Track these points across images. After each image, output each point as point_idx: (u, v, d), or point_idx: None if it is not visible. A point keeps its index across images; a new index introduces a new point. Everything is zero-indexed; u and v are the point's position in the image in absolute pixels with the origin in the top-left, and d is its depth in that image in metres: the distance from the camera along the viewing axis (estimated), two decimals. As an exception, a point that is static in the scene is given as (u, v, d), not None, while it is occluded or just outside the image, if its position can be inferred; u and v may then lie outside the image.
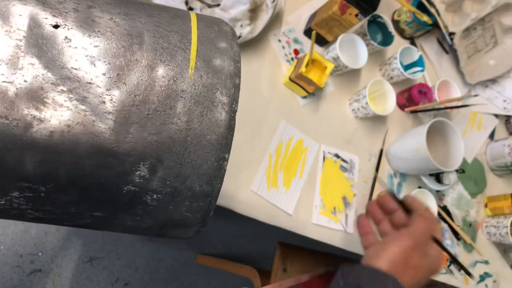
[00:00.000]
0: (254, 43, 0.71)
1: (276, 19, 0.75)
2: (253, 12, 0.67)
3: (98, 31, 0.21)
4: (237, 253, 1.46)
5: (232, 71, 0.24)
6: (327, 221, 0.70)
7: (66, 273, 1.17)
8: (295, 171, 0.70)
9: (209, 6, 0.65)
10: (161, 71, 0.22)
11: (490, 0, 0.88)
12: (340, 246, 0.71)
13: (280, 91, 0.73)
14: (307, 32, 0.77)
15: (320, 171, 0.72)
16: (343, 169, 0.75)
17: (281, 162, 0.69)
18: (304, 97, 0.75)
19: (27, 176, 0.19)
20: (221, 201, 0.59)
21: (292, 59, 0.75)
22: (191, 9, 0.63)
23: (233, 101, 0.23)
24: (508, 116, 1.02)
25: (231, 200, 0.62)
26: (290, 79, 0.71)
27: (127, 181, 0.21)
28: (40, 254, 1.16)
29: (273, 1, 0.67)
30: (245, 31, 0.66)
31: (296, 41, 0.77)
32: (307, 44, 0.78)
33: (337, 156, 0.75)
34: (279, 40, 0.75)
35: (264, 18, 0.68)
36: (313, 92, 0.74)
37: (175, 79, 0.22)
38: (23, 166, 0.19)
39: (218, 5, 0.66)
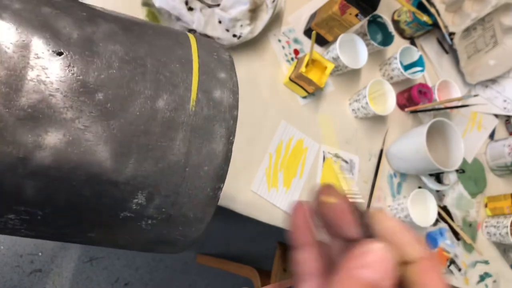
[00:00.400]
0: (254, 43, 0.71)
1: (276, 19, 0.75)
2: (253, 12, 0.67)
3: (102, 59, 0.20)
4: (237, 253, 1.46)
5: (231, 103, 0.24)
6: (327, 221, 0.70)
7: (66, 273, 1.17)
8: (295, 171, 0.70)
9: (209, 6, 0.65)
10: (163, 102, 0.21)
11: (490, 0, 0.88)
12: (340, 246, 0.71)
13: (280, 91, 0.73)
14: (307, 32, 0.77)
15: (320, 171, 0.72)
16: (343, 169, 0.75)
17: (281, 162, 0.69)
18: (304, 97, 0.75)
19: (25, 201, 0.19)
20: (221, 201, 0.59)
21: (292, 59, 0.75)
22: (191, 9, 0.63)
23: (231, 133, 0.23)
24: (508, 116, 1.02)
25: (231, 200, 0.62)
26: (290, 79, 0.71)
27: (124, 208, 0.21)
28: (40, 254, 1.16)
29: (273, 1, 0.67)
30: (245, 31, 0.66)
31: (296, 41, 0.77)
32: (307, 44, 0.78)
33: (337, 156, 0.75)
34: (279, 40, 0.75)
35: (264, 18, 0.68)
36: (313, 92, 0.74)
37: (176, 110, 0.22)
38: (22, 192, 0.19)
39: (218, 5, 0.66)
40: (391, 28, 0.82)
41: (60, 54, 0.19)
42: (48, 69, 0.19)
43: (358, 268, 0.15)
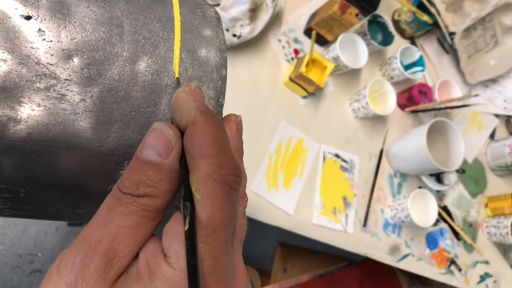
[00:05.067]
0: (254, 43, 0.71)
1: (276, 18, 0.75)
2: (253, 11, 0.67)
3: (75, 22, 0.19)
4: (237, 253, 1.46)
5: (218, 62, 0.23)
6: (327, 221, 0.70)
7: (66, 273, 1.16)
8: (295, 171, 0.70)
9: (209, 5, 0.65)
10: (143, 64, 0.20)
11: (490, 0, 0.88)
12: (340, 246, 0.71)
13: (280, 91, 0.73)
14: (307, 32, 0.77)
15: (320, 171, 0.72)
16: (343, 169, 0.75)
17: (281, 162, 0.69)
18: (304, 97, 0.75)
19: (5, 178, 0.18)
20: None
21: (292, 59, 0.75)
22: (191, 8, 0.63)
23: (220, 94, 0.22)
24: (509, 116, 1.01)
25: (231, 200, 0.62)
26: (290, 79, 0.71)
27: (111, 180, 0.20)
28: (39, 254, 1.16)
29: (273, 1, 0.67)
30: (245, 31, 0.65)
31: (296, 40, 0.77)
32: (307, 44, 0.78)
33: (337, 156, 0.75)
34: (279, 40, 0.74)
35: (264, 18, 0.67)
36: (313, 92, 0.74)
37: (158, 73, 0.20)
38: (0, 168, 0.18)
39: (218, 4, 0.65)
40: (391, 27, 0.82)
41: (28, 18, 0.18)
42: (17, 35, 0.18)
43: (139, 150, 0.17)
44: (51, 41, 0.18)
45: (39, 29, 0.18)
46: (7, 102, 0.17)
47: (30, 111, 0.18)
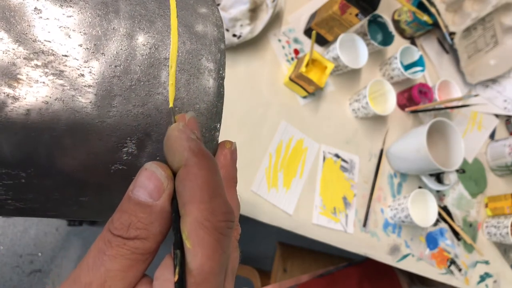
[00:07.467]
0: (254, 43, 0.71)
1: (276, 19, 0.75)
2: (253, 12, 0.67)
3: (70, 1, 0.19)
4: (237, 253, 1.46)
5: (216, 36, 0.23)
6: (327, 221, 0.70)
7: (66, 273, 1.16)
8: (295, 171, 0.70)
9: (209, 5, 0.65)
10: (141, 39, 0.20)
11: (490, 0, 0.88)
12: (340, 246, 0.71)
13: (280, 91, 0.73)
14: (307, 32, 0.77)
15: (320, 171, 0.72)
16: (343, 169, 0.75)
17: (281, 162, 0.69)
18: (304, 97, 0.75)
19: (5, 161, 0.18)
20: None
21: (292, 59, 0.75)
22: (191, 8, 0.63)
23: (220, 67, 0.22)
24: (509, 116, 1.02)
25: (231, 200, 0.62)
26: (290, 79, 0.71)
27: (114, 159, 0.20)
28: (39, 254, 1.16)
29: (273, 1, 0.67)
30: (245, 31, 0.65)
31: (296, 41, 0.77)
32: (307, 44, 0.78)
33: (337, 156, 0.75)
34: (279, 40, 0.74)
35: (264, 18, 0.67)
36: (313, 92, 0.74)
37: (156, 46, 0.21)
38: (0, 150, 0.17)
39: (218, 4, 0.65)
40: (391, 27, 0.82)
41: None
42: (13, 14, 0.18)
43: (131, 189, 0.17)
44: (47, 18, 0.18)
45: (35, 8, 0.18)
46: (4, 79, 0.17)
47: (28, 88, 0.17)
